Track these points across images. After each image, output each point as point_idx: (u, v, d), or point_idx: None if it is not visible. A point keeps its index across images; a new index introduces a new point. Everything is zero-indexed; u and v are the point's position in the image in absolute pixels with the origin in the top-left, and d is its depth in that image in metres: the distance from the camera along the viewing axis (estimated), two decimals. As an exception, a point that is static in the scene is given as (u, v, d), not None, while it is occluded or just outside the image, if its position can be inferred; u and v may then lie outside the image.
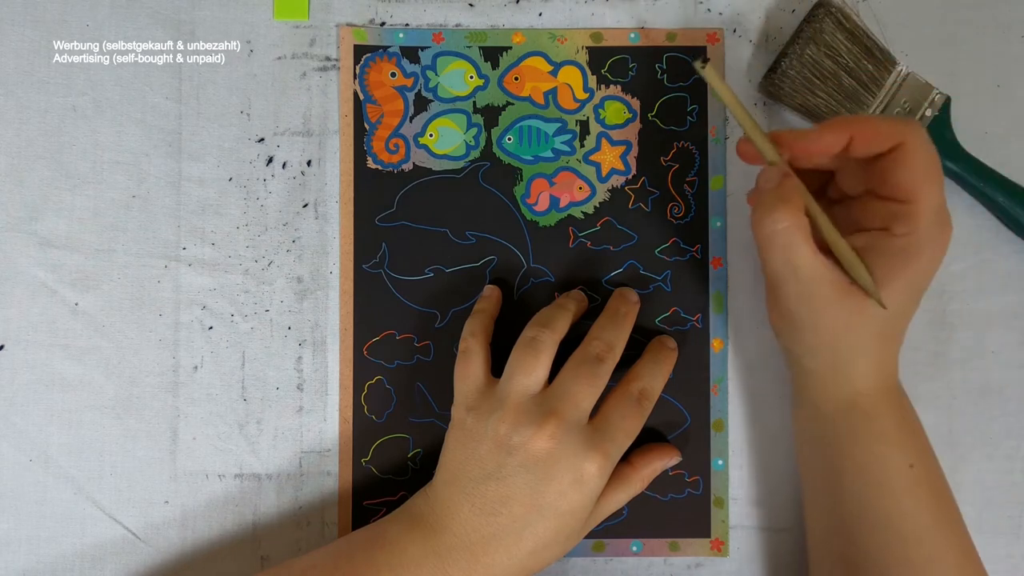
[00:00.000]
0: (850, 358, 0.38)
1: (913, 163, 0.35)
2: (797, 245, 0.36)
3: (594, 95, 0.44)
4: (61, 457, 0.43)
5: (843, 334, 0.37)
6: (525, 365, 0.39)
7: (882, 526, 0.37)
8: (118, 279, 0.43)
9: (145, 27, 0.44)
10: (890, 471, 0.38)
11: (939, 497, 0.38)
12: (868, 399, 0.38)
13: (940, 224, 0.36)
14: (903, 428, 0.38)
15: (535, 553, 0.38)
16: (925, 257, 0.36)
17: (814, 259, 0.36)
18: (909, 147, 0.35)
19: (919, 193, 0.35)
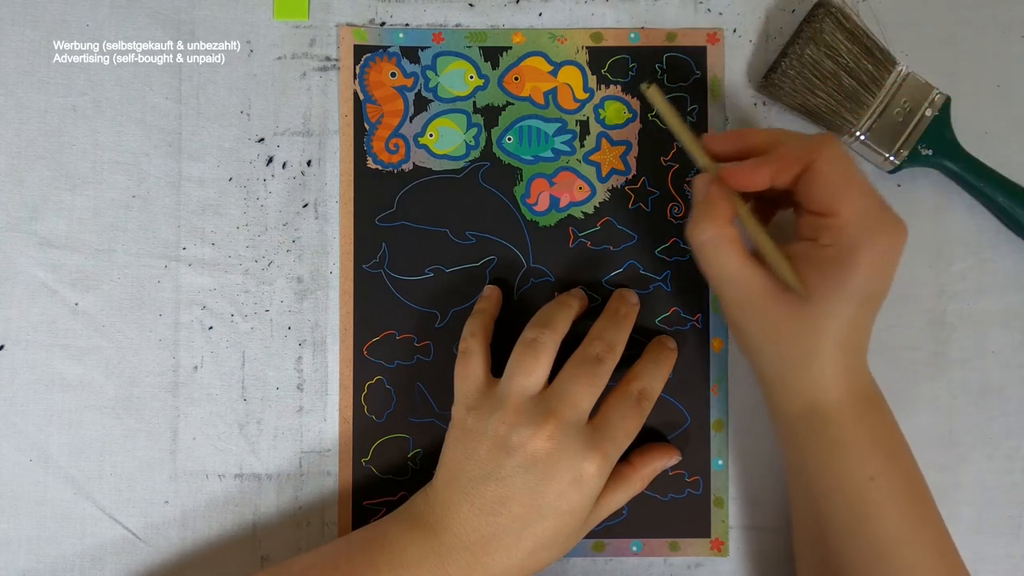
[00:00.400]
0: (800, 365, 0.37)
1: (824, 178, 0.36)
2: (724, 254, 0.37)
3: (594, 95, 0.44)
4: (61, 457, 0.43)
5: (787, 341, 0.37)
6: (525, 365, 0.39)
7: (852, 534, 0.37)
8: (118, 279, 0.43)
9: (145, 27, 0.44)
10: (849, 483, 0.37)
11: (912, 508, 0.37)
12: (826, 408, 0.37)
13: (874, 230, 0.36)
14: (865, 439, 0.37)
15: (535, 553, 0.38)
16: (863, 265, 0.35)
17: (743, 266, 0.37)
18: (818, 164, 0.36)
19: (837, 205, 0.36)
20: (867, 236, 0.35)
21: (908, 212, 0.43)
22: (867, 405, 0.38)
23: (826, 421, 0.37)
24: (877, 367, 0.43)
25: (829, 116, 0.42)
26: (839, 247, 0.36)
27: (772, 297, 0.37)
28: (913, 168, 0.43)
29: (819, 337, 0.36)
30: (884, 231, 0.36)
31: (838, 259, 0.36)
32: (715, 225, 0.37)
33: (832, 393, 0.37)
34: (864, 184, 0.36)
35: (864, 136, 0.42)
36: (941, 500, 0.43)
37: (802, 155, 0.36)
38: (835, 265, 0.36)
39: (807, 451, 0.38)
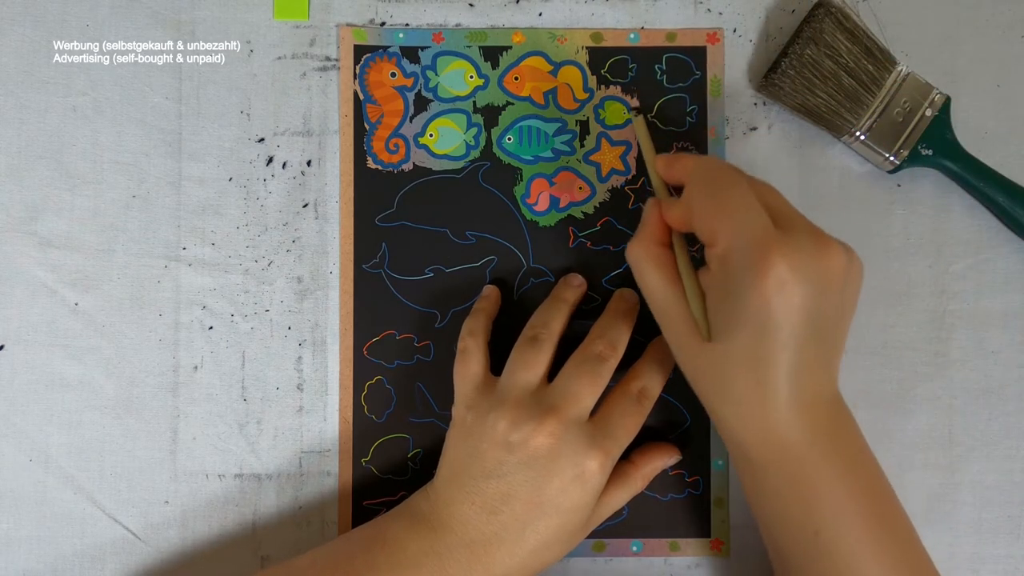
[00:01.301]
0: (720, 405, 0.35)
1: (697, 205, 0.35)
2: (649, 274, 0.37)
3: (594, 95, 0.44)
4: (61, 457, 0.43)
5: (702, 378, 0.36)
6: (525, 361, 0.39)
7: (805, 572, 0.36)
8: (118, 279, 0.43)
9: (145, 27, 0.44)
10: (795, 534, 0.35)
11: (881, 557, 0.35)
12: (753, 452, 0.35)
13: (755, 256, 0.32)
14: (803, 486, 0.35)
15: (536, 552, 0.38)
16: (745, 295, 0.33)
17: (663, 288, 0.36)
18: (688, 191, 0.36)
19: (716, 236, 0.34)
20: (749, 263, 0.33)
21: (908, 212, 0.44)
22: (797, 448, 0.34)
23: (753, 467, 0.36)
24: (877, 367, 0.44)
25: (829, 116, 0.42)
26: (724, 274, 0.34)
27: (687, 327, 0.36)
28: (913, 168, 0.43)
29: (724, 373, 0.34)
30: (771, 257, 0.32)
31: (725, 286, 0.34)
32: (643, 245, 0.37)
33: (752, 437, 0.35)
34: (742, 204, 0.34)
35: (864, 136, 0.42)
36: (941, 500, 0.43)
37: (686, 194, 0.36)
38: (724, 292, 0.34)
39: (747, 491, 0.38)
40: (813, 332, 0.33)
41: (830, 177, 0.44)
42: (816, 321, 0.33)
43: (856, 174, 0.44)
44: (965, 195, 0.44)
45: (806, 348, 0.33)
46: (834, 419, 0.36)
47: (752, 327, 0.33)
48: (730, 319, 0.34)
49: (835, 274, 0.34)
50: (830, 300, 0.34)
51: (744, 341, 0.33)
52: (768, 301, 0.32)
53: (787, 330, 0.33)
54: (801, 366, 0.34)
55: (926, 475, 0.43)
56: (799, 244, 0.33)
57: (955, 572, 0.43)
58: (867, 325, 0.44)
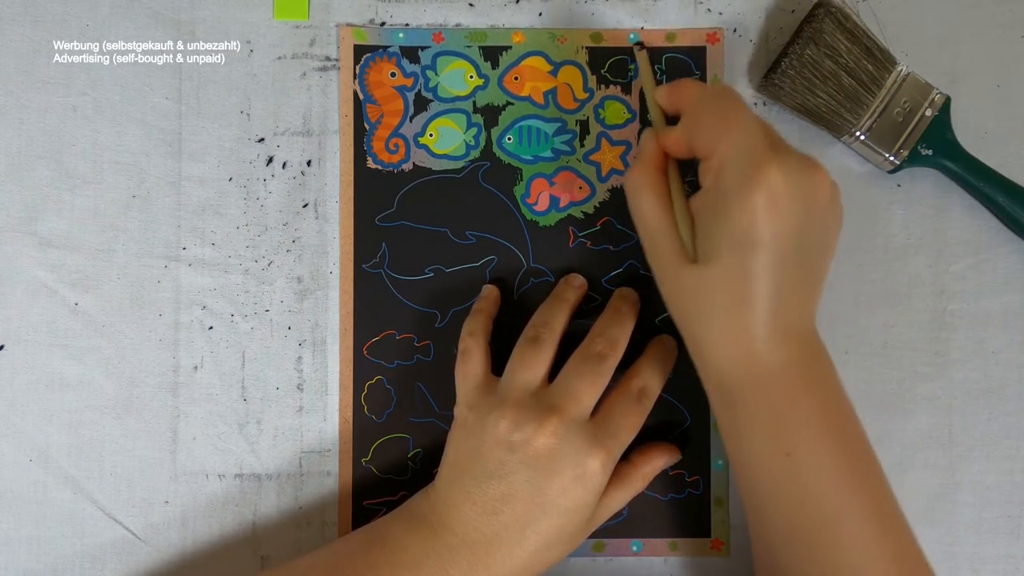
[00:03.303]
0: (700, 330, 0.36)
1: (704, 116, 0.36)
2: (643, 199, 0.37)
3: (594, 95, 0.44)
4: (61, 457, 0.43)
5: (688, 299, 0.36)
6: (526, 360, 0.39)
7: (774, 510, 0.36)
8: (118, 279, 0.43)
9: (145, 27, 0.44)
10: (766, 459, 0.36)
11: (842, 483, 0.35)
12: (730, 378, 0.36)
13: (751, 167, 0.33)
14: (778, 410, 0.35)
15: (537, 552, 0.38)
16: (735, 207, 0.33)
17: (657, 213, 0.37)
18: (701, 104, 0.36)
19: (714, 143, 0.35)
20: (742, 174, 0.33)
21: (908, 212, 0.44)
22: (773, 370, 0.35)
23: (729, 394, 0.36)
24: (877, 367, 0.44)
25: (829, 116, 0.42)
26: (716, 191, 0.34)
27: (677, 251, 0.36)
28: (913, 168, 0.43)
29: (707, 295, 0.35)
30: (765, 168, 0.33)
31: (715, 204, 0.34)
32: (639, 169, 0.38)
33: (731, 360, 0.35)
34: (741, 119, 0.34)
35: (864, 136, 0.42)
36: (941, 500, 0.43)
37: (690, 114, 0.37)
38: (712, 211, 0.34)
39: (721, 425, 0.38)
40: (796, 254, 0.34)
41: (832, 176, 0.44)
42: (800, 243, 0.34)
43: (856, 174, 0.44)
44: (965, 195, 0.44)
45: (789, 269, 0.34)
46: (810, 351, 0.36)
47: (739, 243, 0.34)
48: (717, 238, 0.34)
49: (823, 195, 0.35)
50: (814, 223, 0.35)
51: (729, 259, 0.34)
52: (757, 213, 0.33)
53: (773, 246, 0.33)
54: (783, 287, 0.34)
55: (926, 475, 0.43)
56: (792, 162, 0.34)
57: (955, 572, 0.43)
58: (867, 325, 0.44)
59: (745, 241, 0.33)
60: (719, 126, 0.35)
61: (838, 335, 0.43)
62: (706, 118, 0.36)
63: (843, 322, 0.44)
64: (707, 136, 0.35)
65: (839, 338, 0.43)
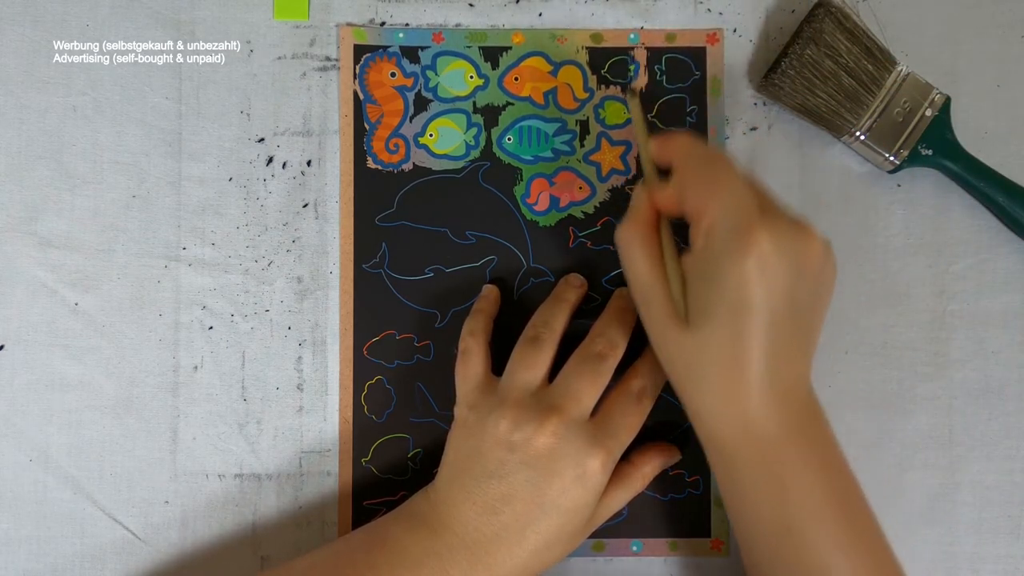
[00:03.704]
0: (696, 394, 0.36)
1: (690, 178, 0.35)
2: (632, 253, 0.37)
3: (594, 95, 0.44)
4: (61, 457, 0.43)
5: (682, 362, 0.35)
6: (526, 360, 0.39)
7: (783, 568, 0.36)
8: (118, 279, 0.43)
9: (145, 27, 0.44)
10: (766, 529, 0.36)
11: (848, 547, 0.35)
12: (728, 444, 0.35)
13: (742, 232, 0.33)
14: (778, 479, 0.35)
15: (537, 553, 0.38)
16: (726, 272, 0.33)
17: (647, 271, 0.36)
18: (683, 165, 0.36)
19: (702, 210, 0.34)
20: (732, 239, 0.33)
21: (908, 212, 0.44)
22: (779, 440, 0.35)
23: (728, 459, 0.36)
24: (877, 367, 0.44)
25: (829, 116, 0.42)
26: (706, 254, 0.34)
27: (667, 311, 0.35)
28: (913, 168, 0.43)
29: (700, 359, 0.34)
30: (755, 233, 0.33)
31: (705, 267, 0.34)
32: (631, 226, 0.37)
33: (726, 428, 0.35)
34: (730, 182, 0.34)
35: (864, 136, 0.42)
36: (941, 500, 0.43)
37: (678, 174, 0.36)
38: (703, 274, 0.34)
39: (722, 487, 0.38)
40: (790, 317, 0.34)
41: (830, 177, 0.44)
42: (793, 305, 0.34)
43: (856, 174, 0.44)
44: (965, 195, 0.44)
45: (783, 333, 0.34)
46: (808, 414, 0.36)
47: (730, 308, 0.33)
48: (709, 301, 0.34)
49: (814, 259, 0.34)
50: (806, 285, 0.34)
51: (722, 322, 0.33)
52: (749, 278, 0.33)
53: (766, 311, 0.33)
54: (777, 352, 0.34)
55: (926, 475, 0.43)
56: (782, 226, 0.33)
57: (955, 572, 0.43)
58: (867, 325, 0.44)
59: (737, 306, 0.33)
60: (708, 189, 0.34)
61: (838, 335, 0.43)
62: (695, 179, 0.35)
63: (843, 322, 0.44)
64: (696, 198, 0.35)
65: (839, 338, 0.43)
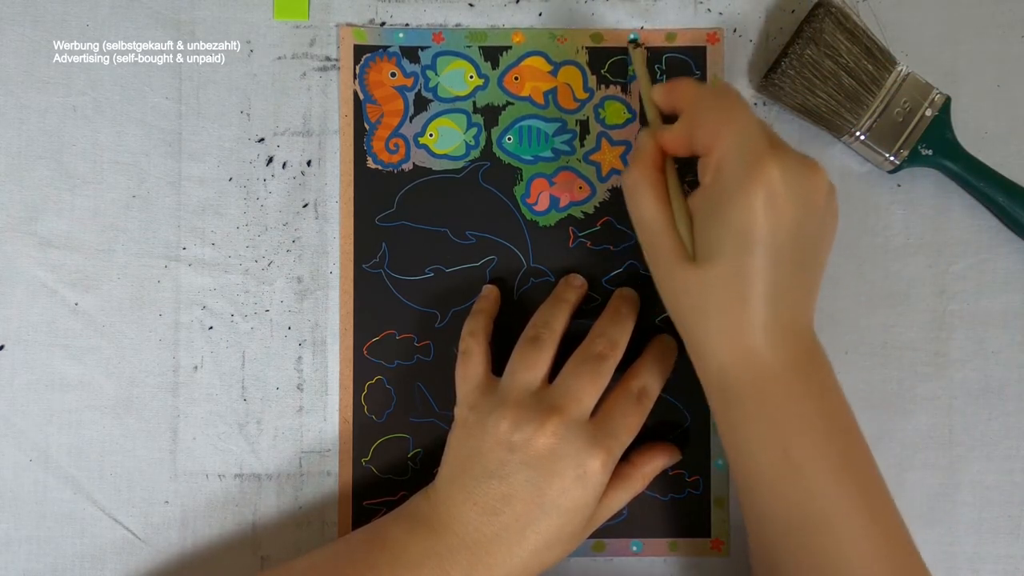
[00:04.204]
0: (699, 330, 0.36)
1: (704, 113, 0.36)
2: (642, 196, 0.37)
3: (594, 95, 0.44)
4: (61, 457, 0.43)
5: (687, 299, 0.36)
6: (527, 361, 0.39)
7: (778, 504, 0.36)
8: (118, 279, 0.43)
9: (145, 27, 0.44)
10: (763, 457, 0.36)
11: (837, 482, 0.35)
12: (731, 376, 0.36)
13: (750, 164, 0.33)
14: (777, 409, 0.35)
15: (537, 553, 0.38)
16: (734, 203, 0.33)
17: (655, 211, 0.37)
18: (688, 107, 0.36)
19: (712, 139, 0.35)
20: (742, 171, 0.33)
21: (908, 212, 0.44)
22: (780, 374, 0.35)
23: (728, 393, 0.36)
24: (877, 367, 0.44)
25: (829, 116, 0.42)
26: (715, 187, 0.34)
27: (676, 249, 0.36)
28: (913, 168, 0.43)
29: (705, 294, 0.35)
30: (765, 165, 0.33)
31: (714, 201, 0.34)
32: (638, 168, 0.37)
33: (730, 357, 0.35)
34: (741, 116, 0.34)
35: (864, 136, 0.42)
36: (941, 500, 0.43)
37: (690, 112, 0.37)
38: (711, 208, 0.34)
39: (719, 424, 0.38)
40: (794, 253, 0.34)
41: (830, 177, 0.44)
42: (798, 242, 0.34)
43: (856, 174, 0.44)
44: (965, 195, 0.44)
45: (787, 268, 0.34)
46: (809, 349, 0.36)
47: (737, 241, 0.34)
48: (716, 236, 0.34)
49: (821, 195, 0.35)
50: (812, 222, 0.35)
51: (728, 256, 0.34)
52: (756, 209, 0.33)
53: (771, 244, 0.34)
54: (781, 286, 0.34)
55: (926, 475, 0.43)
56: (792, 160, 0.34)
57: (955, 572, 0.43)
58: (867, 325, 0.44)
59: (744, 240, 0.34)
60: (719, 122, 0.35)
61: (838, 335, 0.43)
62: (706, 114, 0.36)
63: (843, 322, 0.44)
64: (707, 132, 0.35)
65: (839, 338, 0.43)
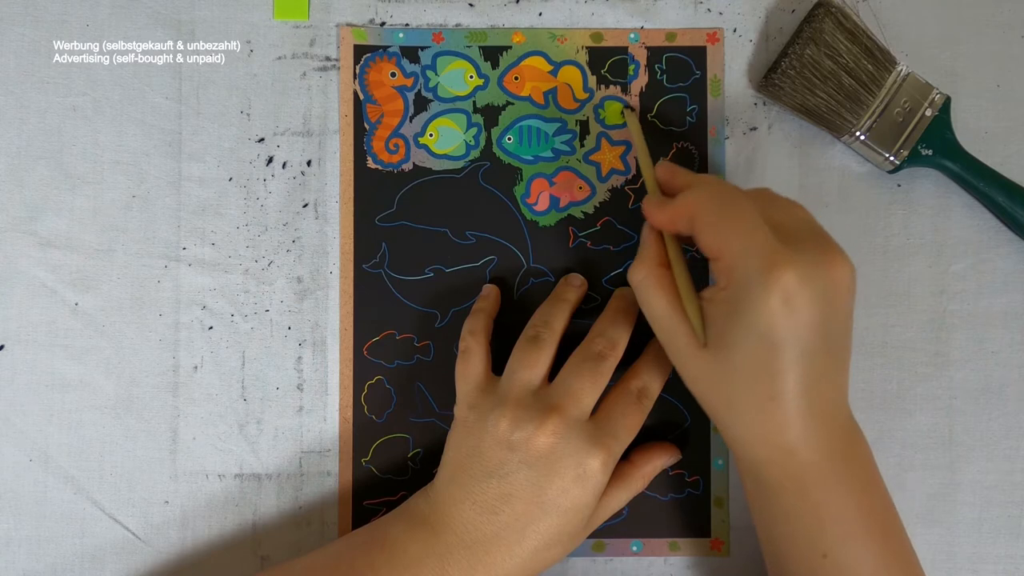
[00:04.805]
0: (731, 425, 0.35)
1: (704, 221, 0.35)
2: (652, 296, 0.37)
3: (594, 95, 0.44)
4: (61, 457, 0.43)
5: (708, 393, 0.35)
6: (526, 360, 0.39)
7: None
8: (118, 279, 0.43)
9: (145, 27, 0.44)
10: (801, 556, 0.35)
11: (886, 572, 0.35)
12: (767, 473, 0.35)
13: (763, 269, 0.33)
14: (817, 507, 0.34)
15: (537, 553, 0.38)
16: (752, 306, 0.33)
17: (667, 309, 0.36)
18: (695, 209, 0.35)
19: (720, 247, 0.34)
20: (755, 275, 0.33)
21: (908, 212, 0.44)
22: (821, 468, 0.34)
23: (766, 486, 0.36)
24: (877, 367, 0.44)
25: (829, 116, 0.42)
26: (730, 291, 0.34)
27: (693, 345, 0.35)
28: (913, 168, 0.43)
29: (728, 386, 0.34)
30: (779, 271, 0.32)
31: (731, 304, 0.34)
32: (645, 266, 0.37)
33: (763, 454, 0.35)
34: (747, 221, 0.34)
35: (864, 136, 0.42)
36: (941, 500, 0.43)
37: (684, 211, 0.36)
38: (727, 310, 0.34)
39: (753, 509, 0.38)
40: (823, 346, 0.33)
41: (830, 177, 0.44)
42: (826, 335, 0.33)
43: (856, 174, 0.44)
44: (965, 195, 0.44)
45: (816, 362, 0.33)
46: (847, 439, 0.36)
47: (759, 341, 0.33)
48: (735, 333, 0.33)
49: (843, 286, 0.34)
50: (839, 313, 0.34)
51: (751, 355, 0.33)
52: (775, 317, 0.32)
53: (796, 344, 0.33)
54: (812, 380, 0.33)
55: (926, 475, 0.43)
56: (806, 257, 0.33)
57: (955, 572, 0.43)
58: (867, 325, 0.44)
59: (767, 342, 0.33)
60: (725, 227, 0.34)
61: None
62: (710, 218, 0.35)
63: (843, 322, 0.43)
64: (713, 237, 0.35)
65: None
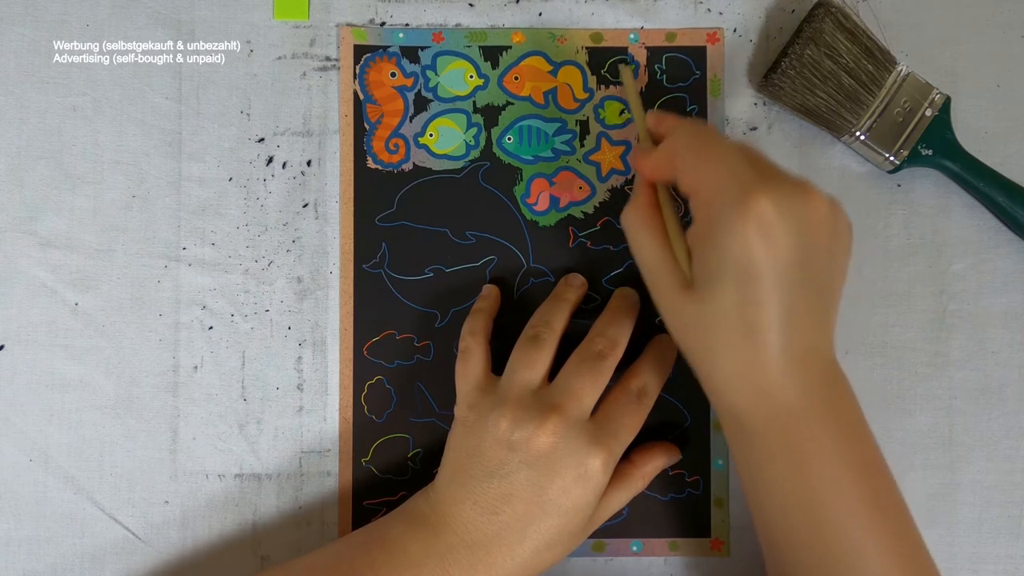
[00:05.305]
0: (711, 367, 0.35)
1: (681, 158, 0.35)
2: (641, 237, 0.37)
3: (594, 95, 0.44)
4: (61, 457, 0.43)
5: (690, 333, 0.35)
6: (526, 360, 0.39)
7: (802, 545, 0.35)
8: (118, 279, 0.43)
9: (145, 27, 0.44)
10: (785, 501, 0.35)
11: (872, 517, 0.35)
12: (747, 415, 0.35)
13: (736, 198, 0.32)
14: (799, 446, 0.34)
15: (537, 552, 0.38)
16: (724, 238, 0.32)
17: (655, 249, 0.36)
18: (674, 145, 0.36)
19: (696, 182, 0.34)
20: (730, 208, 0.32)
21: (908, 212, 0.44)
22: (801, 409, 0.34)
23: (747, 430, 0.35)
24: (877, 367, 0.44)
25: (829, 116, 0.42)
26: (707, 225, 0.34)
27: (679, 284, 0.35)
28: (913, 168, 0.43)
29: (713, 330, 0.34)
30: (753, 199, 0.32)
31: (708, 238, 0.34)
32: (633, 209, 0.38)
33: (745, 398, 0.34)
34: (724, 155, 0.34)
35: (864, 136, 0.42)
36: (941, 500, 0.43)
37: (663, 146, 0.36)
38: (707, 245, 0.34)
39: (736, 457, 0.38)
40: (803, 281, 0.33)
41: (830, 177, 0.44)
42: (805, 269, 0.33)
43: (856, 174, 0.44)
44: (965, 195, 0.44)
45: (795, 297, 0.33)
46: (830, 381, 0.35)
47: (737, 273, 0.33)
48: (715, 269, 0.33)
49: (820, 219, 0.33)
50: (818, 247, 0.33)
51: (730, 289, 0.33)
52: (751, 246, 0.32)
53: (773, 275, 0.32)
54: (791, 317, 0.33)
55: (926, 475, 0.43)
56: (782, 188, 0.33)
57: (955, 572, 0.43)
58: (867, 325, 0.44)
59: (743, 272, 0.32)
60: (702, 162, 0.34)
61: (838, 335, 0.43)
62: (688, 155, 0.35)
63: (843, 322, 0.43)
64: (692, 172, 0.35)
65: (839, 338, 0.43)
